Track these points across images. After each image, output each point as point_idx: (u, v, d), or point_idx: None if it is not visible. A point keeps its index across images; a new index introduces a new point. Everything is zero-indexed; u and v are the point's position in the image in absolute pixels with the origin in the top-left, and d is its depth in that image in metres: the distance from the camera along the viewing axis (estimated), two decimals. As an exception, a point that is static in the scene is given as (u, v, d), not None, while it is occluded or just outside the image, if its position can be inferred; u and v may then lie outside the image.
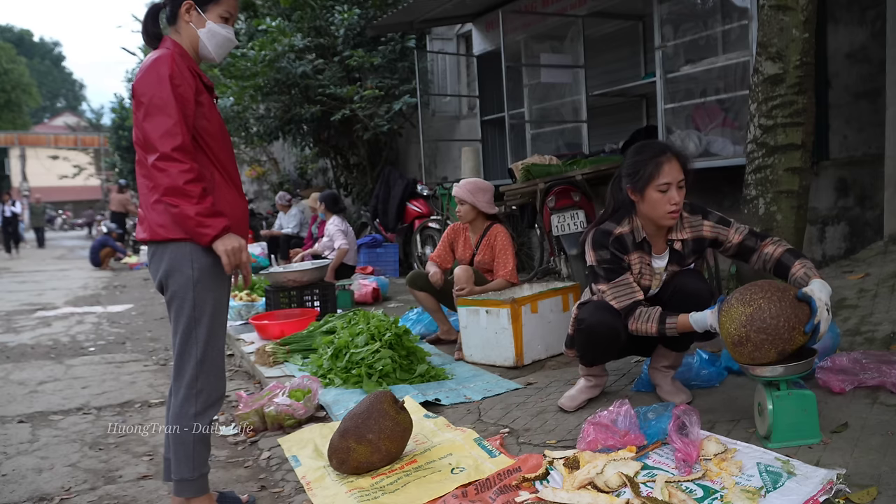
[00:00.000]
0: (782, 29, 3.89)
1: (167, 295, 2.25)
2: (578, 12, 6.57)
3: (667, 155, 2.58)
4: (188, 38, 2.26)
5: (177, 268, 2.19)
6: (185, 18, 2.25)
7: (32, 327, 6.99)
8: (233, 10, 2.31)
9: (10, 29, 50.42)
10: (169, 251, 2.20)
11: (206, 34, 2.26)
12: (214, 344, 2.26)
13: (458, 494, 2.19)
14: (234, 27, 2.36)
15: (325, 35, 9.01)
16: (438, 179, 8.75)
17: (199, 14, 2.24)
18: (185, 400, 2.22)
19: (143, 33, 2.31)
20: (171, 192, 2.09)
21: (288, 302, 5.39)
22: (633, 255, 2.67)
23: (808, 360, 2.25)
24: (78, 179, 33.31)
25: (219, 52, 2.30)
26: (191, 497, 2.27)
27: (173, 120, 2.09)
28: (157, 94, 2.09)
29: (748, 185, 4.12)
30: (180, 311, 2.21)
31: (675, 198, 2.57)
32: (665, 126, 5.58)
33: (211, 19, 2.26)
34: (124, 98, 22.22)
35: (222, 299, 2.28)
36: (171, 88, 2.10)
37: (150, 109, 2.10)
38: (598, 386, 2.95)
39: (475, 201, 4.11)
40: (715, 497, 1.94)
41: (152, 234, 2.20)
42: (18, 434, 3.56)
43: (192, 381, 2.21)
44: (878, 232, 4.51)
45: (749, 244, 2.59)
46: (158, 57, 2.15)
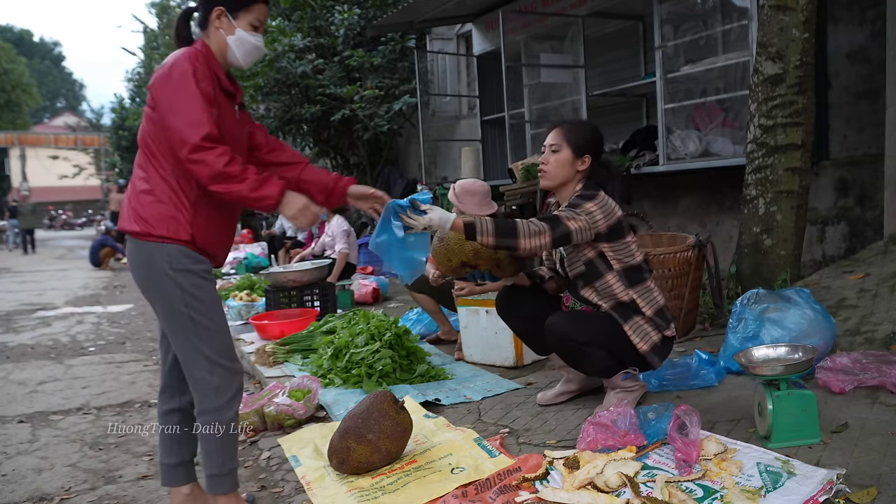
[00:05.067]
0: (782, 29, 3.89)
1: (149, 296, 2.19)
2: (578, 12, 6.57)
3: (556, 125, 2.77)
4: (217, 43, 2.24)
5: (156, 269, 2.13)
6: (215, 24, 2.23)
7: (32, 327, 6.99)
8: (263, 19, 2.29)
9: (10, 29, 50.43)
10: (145, 250, 2.14)
11: (235, 41, 2.24)
12: (219, 337, 2.21)
13: (458, 494, 2.19)
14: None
15: (325, 35, 9.01)
16: (438, 179, 8.75)
17: (230, 21, 2.22)
18: (205, 397, 2.18)
19: (175, 36, 2.30)
20: (216, 179, 2.06)
21: (288, 302, 5.39)
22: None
23: (808, 360, 2.26)
24: (78, 179, 33.34)
25: (247, 59, 2.28)
26: (221, 493, 2.24)
27: (198, 111, 2.07)
28: (180, 89, 2.08)
29: (748, 185, 4.12)
30: (168, 312, 2.16)
31: (544, 158, 2.73)
32: (665, 126, 5.59)
33: (241, 26, 2.24)
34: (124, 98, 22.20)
35: (211, 293, 2.21)
36: (194, 83, 2.09)
37: (173, 104, 2.07)
38: (573, 381, 2.97)
39: (459, 204, 4.06)
40: (715, 497, 1.94)
41: (132, 226, 2.14)
42: (18, 434, 3.56)
43: (207, 377, 2.17)
44: (878, 232, 4.51)
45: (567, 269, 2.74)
46: (183, 53, 2.14)
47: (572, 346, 2.59)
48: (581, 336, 2.57)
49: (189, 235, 2.15)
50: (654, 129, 5.78)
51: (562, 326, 2.60)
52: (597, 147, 2.72)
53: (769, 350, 2.44)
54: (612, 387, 2.74)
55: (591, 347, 2.57)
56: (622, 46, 6.91)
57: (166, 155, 2.15)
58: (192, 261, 2.17)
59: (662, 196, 6.28)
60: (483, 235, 2.40)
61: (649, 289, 2.67)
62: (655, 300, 2.67)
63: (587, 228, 2.52)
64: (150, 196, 2.15)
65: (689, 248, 3.66)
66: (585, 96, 6.50)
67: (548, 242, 2.45)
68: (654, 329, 2.63)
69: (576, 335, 2.57)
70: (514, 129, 7.06)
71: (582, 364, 2.67)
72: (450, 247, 2.67)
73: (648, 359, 2.63)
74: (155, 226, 2.13)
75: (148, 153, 2.17)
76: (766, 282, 3.92)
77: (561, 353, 2.70)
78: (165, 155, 2.15)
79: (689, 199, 6.07)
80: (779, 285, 3.84)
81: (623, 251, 2.64)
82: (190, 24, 2.32)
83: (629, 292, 2.62)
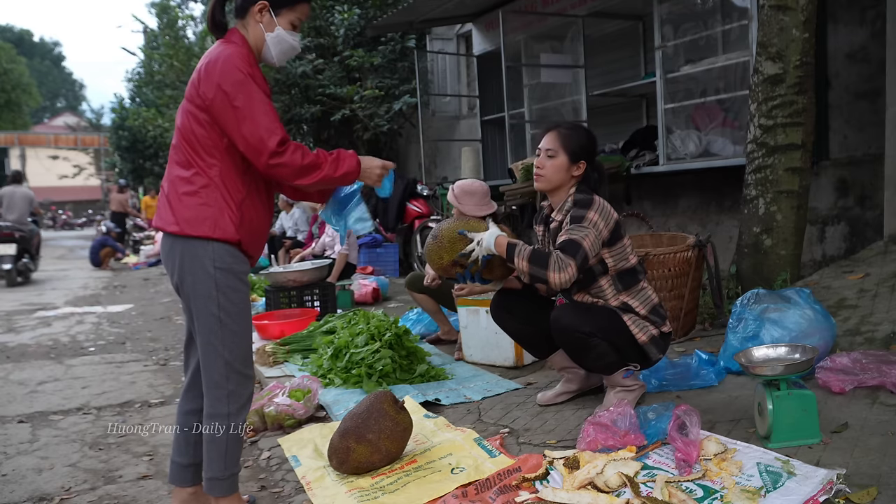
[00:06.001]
0: (782, 29, 3.89)
1: (186, 294, 2.18)
2: (578, 12, 6.57)
3: (552, 129, 2.78)
4: (255, 37, 2.20)
5: (197, 267, 2.13)
6: (255, 17, 2.19)
7: (32, 327, 6.99)
8: (304, 18, 2.27)
9: (10, 29, 50.42)
10: (188, 247, 2.13)
11: (273, 39, 2.20)
12: (242, 344, 2.21)
13: (458, 494, 2.19)
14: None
15: (325, 35, 9.01)
16: (438, 179, 8.75)
17: (272, 17, 2.19)
18: (217, 400, 2.18)
19: (210, 21, 2.23)
20: (299, 174, 2.11)
21: (288, 302, 5.39)
22: (539, 227, 2.90)
23: (808, 360, 2.26)
24: (78, 179, 33.31)
25: (282, 58, 2.26)
26: (220, 496, 2.25)
27: (269, 117, 2.07)
28: (246, 96, 2.06)
29: (748, 185, 4.12)
30: (201, 311, 2.16)
31: (539, 162, 2.75)
32: (665, 126, 5.59)
33: (282, 24, 2.20)
34: (124, 98, 22.20)
35: (245, 298, 2.22)
36: (255, 86, 2.07)
37: (243, 112, 2.05)
38: (573, 381, 2.98)
39: (458, 205, 4.06)
40: (715, 497, 1.94)
41: (175, 227, 2.13)
42: (18, 434, 3.56)
43: (223, 381, 2.18)
44: (878, 232, 4.51)
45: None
46: (232, 54, 2.10)
47: (578, 336, 2.59)
48: (585, 326, 2.58)
49: (237, 237, 2.15)
50: (654, 129, 5.78)
51: (567, 318, 2.62)
52: (591, 152, 2.76)
53: (769, 350, 2.44)
54: (612, 385, 2.75)
55: (596, 339, 2.58)
56: (622, 46, 6.91)
57: (215, 156, 2.12)
58: (236, 261, 2.18)
59: (662, 196, 6.28)
60: (520, 258, 2.53)
61: (643, 289, 2.70)
62: (650, 299, 2.69)
63: (597, 240, 2.57)
64: (195, 198, 2.13)
65: (689, 248, 3.66)
66: (585, 96, 6.51)
67: (574, 274, 2.49)
68: (652, 325, 2.66)
69: (581, 326, 2.58)
70: (514, 129, 7.06)
71: (586, 356, 2.66)
72: (442, 244, 2.69)
73: (647, 350, 2.64)
74: (202, 226, 2.11)
75: (193, 154, 2.14)
76: (766, 282, 3.92)
77: (566, 344, 2.70)
78: (212, 155, 2.12)
79: (689, 199, 6.07)
80: (779, 285, 3.84)
81: (619, 254, 2.66)
82: (225, 9, 2.26)
83: (619, 297, 2.67)
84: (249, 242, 2.21)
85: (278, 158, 2.07)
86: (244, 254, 2.21)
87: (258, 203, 2.22)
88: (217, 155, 2.12)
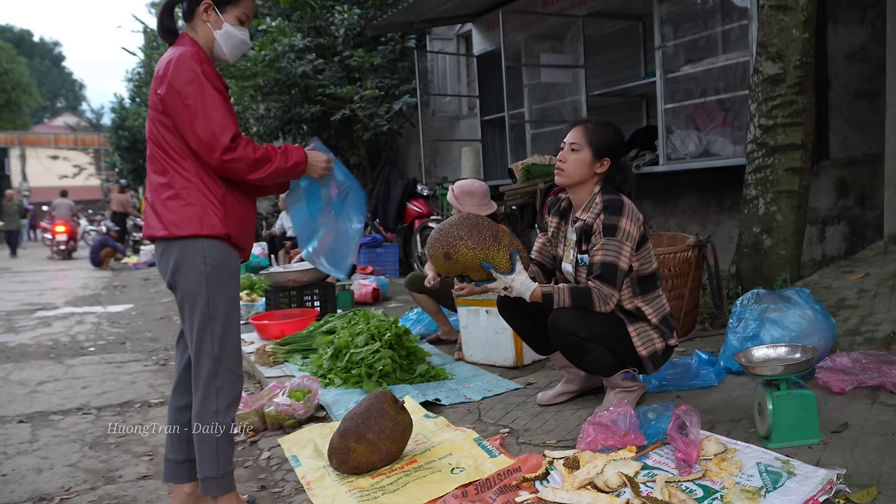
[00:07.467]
0: (782, 29, 3.89)
1: (178, 292, 2.22)
2: (578, 12, 6.57)
3: (579, 123, 2.73)
4: (204, 37, 2.24)
5: (188, 264, 2.16)
6: (202, 17, 2.23)
7: (32, 327, 6.99)
8: (250, 13, 2.30)
9: (10, 29, 50.36)
10: (178, 248, 2.17)
11: (222, 35, 2.24)
12: (230, 340, 2.24)
13: (458, 494, 2.19)
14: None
15: (325, 35, 9.00)
16: (438, 179, 8.75)
17: (217, 15, 2.22)
18: (206, 398, 2.20)
19: (159, 27, 2.28)
20: (253, 168, 2.14)
21: (288, 302, 5.39)
22: (553, 218, 2.87)
23: (808, 360, 2.26)
24: (78, 179, 33.26)
25: (233, 53, 2.29)
26: (216, 495, 2.25)
27: (222, 113, 2.10)
28: (197, 94, 2.09)
29: (748, 185, 4.12)
30: (193, 308, 2.19)
31: (562, 156, 2.70)
32: (665, 126, 5.59)
33: (228, 21, 2.24)
34: (124, 98, 22.16)
35: (235, 295, 2.26)
36: (208, 84, 2.10)
37: (195, 111, 2.09)
38: (573, 381, 2.97)
39: (458, 205, 4.06)
40: (715, 497, 1.94)
41: (163, 232, 2.17)
42: (18, 434, 3.56)
43: (211, 378, 2.20)
44: (878, 232, 4.51)
45: (582, 273, 2.66)
46: (183, 55, 2.13)
47: (574, 340, 2.59)
48: (582, 331, 2.57)
49: (224, 231, 2.18)
50: (654, 129, 5.78)
51: (564, 321, 2.60)
52: (617, 150, 2.71)
53: (769, 350, 2.44)
54: (611, 386, 2.74)
55: (592, 344, 2.58)
56: (622, 46, 6.91)
57: (186, 157, 2.15)
58: (227, 256, 2.21)
59: (662, 196, 6.28)
60: (561, 303, 2.57)
61: (658, 297, 2.68)
62: (663, 308, 2.68)
63: (631, 251, 2.57)
64: (177, 201, 2.16)
65: (689, 248, 3.66)
66: (585, 96, 6.51)
67: (617, 299, 2.57)
68: (659, 337, 2.64)
69: (577, 330, 2.57)
70: (514, 129, 7.06)
71: (582, 360, 2.67)
72: (456, 265, 2.62)
73: (644, 363, 2.64)
74: (189, 225, 2.15)
75: (166, 157, 2.17)
76: (766, 282, 3.92)
77: (562, 347, 2.70)
78: (185, 157, 2.15)
79: (689, 199, 6.07)
80: (779, 285, 3.84)
81: (644, 257, 2.64)
82: (174, 15, 2.30)
83: (634, 301, 2.64)
84: (238, 235, 2.24)
85: (231, 154, 2.10)
86: (236, 247, 2.25)
87: (240, 196, 2.25)
88: (190, 156, 2.16)
